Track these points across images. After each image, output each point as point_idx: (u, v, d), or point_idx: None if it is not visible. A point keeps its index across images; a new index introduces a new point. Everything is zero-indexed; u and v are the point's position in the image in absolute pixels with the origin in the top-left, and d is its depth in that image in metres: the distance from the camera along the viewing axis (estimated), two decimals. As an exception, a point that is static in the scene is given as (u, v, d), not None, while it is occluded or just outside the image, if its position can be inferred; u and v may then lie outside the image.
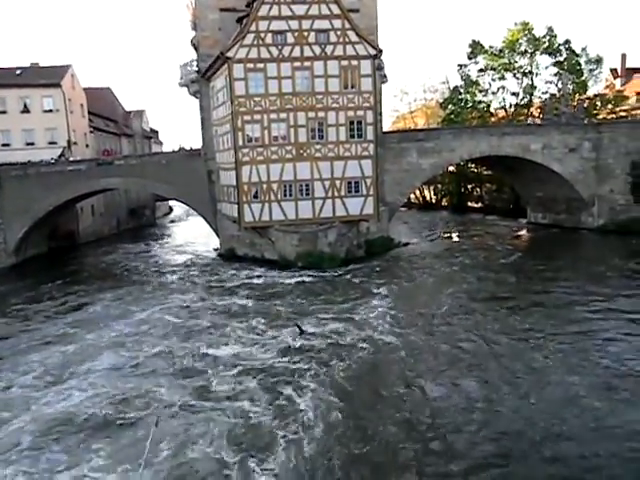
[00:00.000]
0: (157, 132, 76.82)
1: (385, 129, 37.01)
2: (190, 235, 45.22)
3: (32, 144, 41.77)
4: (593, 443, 11.18)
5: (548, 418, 12.15)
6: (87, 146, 47.17)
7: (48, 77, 42.59)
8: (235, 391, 14.32)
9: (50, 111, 42.33)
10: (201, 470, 10.93)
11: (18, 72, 43.46)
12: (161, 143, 76.85)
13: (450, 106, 49.09)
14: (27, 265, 34.18)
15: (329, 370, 15.24)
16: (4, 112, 41.65)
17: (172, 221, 64.21)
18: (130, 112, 62.86)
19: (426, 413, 12.69)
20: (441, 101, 52.07)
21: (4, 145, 41.45)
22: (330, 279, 26.08)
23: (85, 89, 48.23)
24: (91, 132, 48.83)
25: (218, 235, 34.59)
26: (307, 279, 26.13)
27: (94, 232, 45.19)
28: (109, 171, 34.87)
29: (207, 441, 11.81)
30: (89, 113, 48.71)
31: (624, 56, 65.64)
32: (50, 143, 42.09)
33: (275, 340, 17.89)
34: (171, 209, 75.69)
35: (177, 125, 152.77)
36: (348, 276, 26.48)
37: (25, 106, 42.02)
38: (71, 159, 38.91)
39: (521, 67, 47.24)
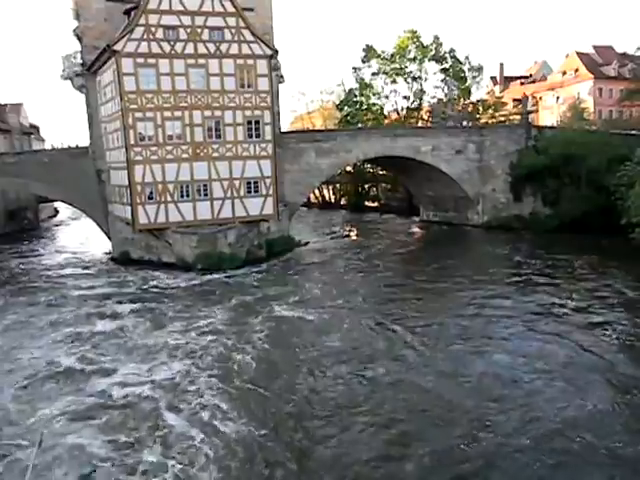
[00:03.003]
0: (38, 128, 71.02)
1: (283, 129, 37.07)
2: (78, 239, 42.33)
3: None
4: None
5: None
6: (-45, 143, 42.53)
7: None
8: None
9: None
10: None
11: None
12: (43, 140, 71.18)
13: (346, 108, 50.38)
14: None
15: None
16: None
17: (57, 224, 59.77)
18: (5, 105, 57.52)
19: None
20: (337, 103, 53.23)
21: None
22: (229, 280, 25.60)
23: (-49, 79, 43.42)
24: (-41, 127, 44.07)
25: (110, 238, 32.70)
26: (205, 281, 25.43)
27: (-35, 238, 40.87)
28: (-19, 170, 31.64)
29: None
30: (-44, 106, 43.94)
31: (502, 65, 71.50)
32: None
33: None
34: (56, 211, 70.46)
35: (61, 121, 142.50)
36: (248, 277, 26.13)
37: None
38: None
39: (411, 72, 49.64)
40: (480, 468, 10.46)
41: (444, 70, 49.48)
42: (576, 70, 58.92)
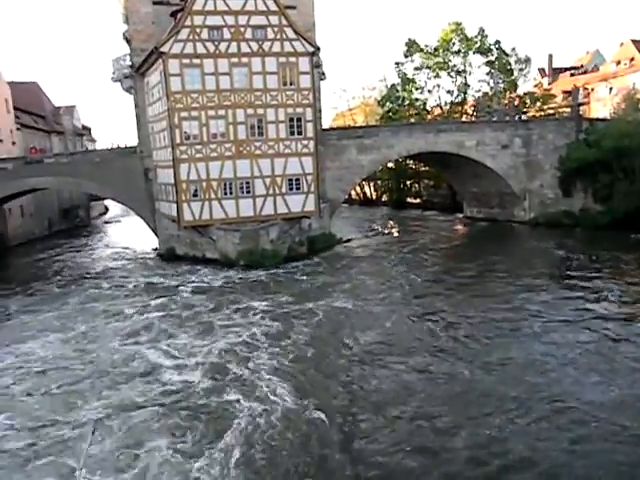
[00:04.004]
0: (90, 129, 73.84)
1: (325, 126, 37.17)
2: (127, 235, 43.82)
3: (-49, 142, 39.11)
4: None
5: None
6: (14, 144, 44.61)
7: (-33, 70, 39.95)
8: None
9: (-29, 107, 39.77)
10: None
11: None
12: (94, 140, 73.94)
13: (388, 103, 49.96)
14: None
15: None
16: None
17: (108, 221, 61.99)
18: (60, 108, 60.00)
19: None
20: (379, 99, 52.90)
21: None
22: (272, 277, 25.89)
23: (9, 83, 45.57)
24: (18, 129, 46.22)
25: (157, 235, 33.67)
26: (249, 278, 25.81)
27: (24, 234, 42.93)
28: (39, 170, 33.12)
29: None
30: (15, 109, 46.08)
31: (551, 56, 69.20)
32: (-29, 141, 39.56)
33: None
34: (107, 209, 73.11)
35: (111, 122, 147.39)
36: (290, 273, 26.42)
37: (-58, 101, 39.26)
38: (-5, 158, 36.72)
39: (455, 66, 48.71)
40: (521, 450, 10.62)
41: (489, 63, 48.33)
42: (631, 59, 56.30)
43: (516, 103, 47.09)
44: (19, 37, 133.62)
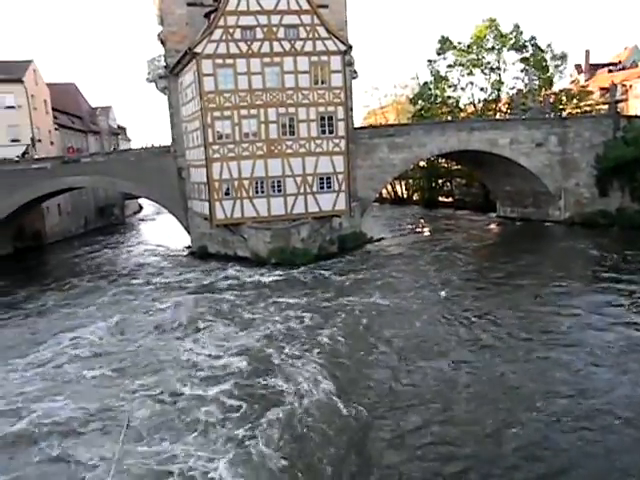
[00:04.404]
0: (125, 129, 75.41)
1: (356, 125, 37.06)
2: (160, 233, 44.59)
3: (-6, 142, 40.43)
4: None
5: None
6: (52, 144, 45.92)
7: (9, 72, 41.20)
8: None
9: (12, 107, 41.02)
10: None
11: (-23, 67, 41.94)
12: (129, 140, 75.46)
13: (420, 102, 49.49)
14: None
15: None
16: (-38, 108, 40.21)
17: (142, 219, 63.20)
18: (96, 108, 61.47)
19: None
20: (411, 97, 52.45)
21: (-36, 143, 40.01)
22: (304, 275, 26.02)
23: (48, 85, 46.90)
24: (56, 129, 47.57)
25: (189, 233, 34.17)
26: (281, 276, 26.01)
27: (61, 231, 44.13)
28: (76, 169, 34.02)
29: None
30: (53, 110, 47.41)
31: (588, 52, 67.39)
32: (13, 141, 40.77)
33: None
34: (141, 207, 74.50)
35: (146, 122, 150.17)
36: (323, 271, 26.47)
37: (-15, 103, 40.62)
38: (35, 157, 37.83)
39: (489, 63, 47.92)
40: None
41: (524, 59, 47.37)
42: (672, 55, 54.48)
43: (552, 100, 46.01)
44: (58, 40, 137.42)
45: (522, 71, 47.66)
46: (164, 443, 11.30)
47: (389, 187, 57.65)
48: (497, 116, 47.25)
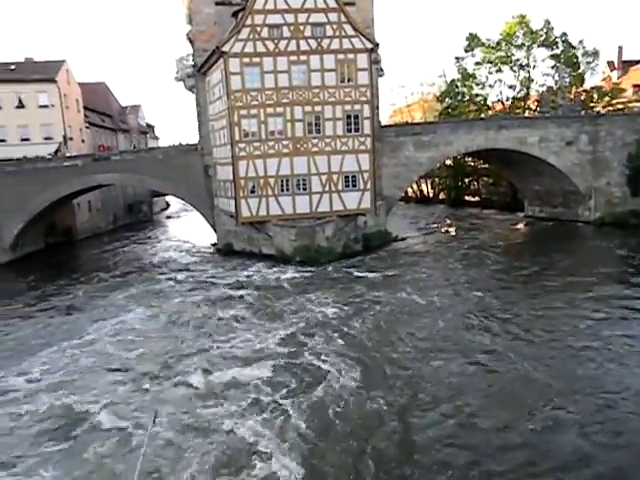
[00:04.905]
0: (153, 127, 76.56)
1: (382, 123, 36.89)
2: (187, 230, 45.22)
3: (27, 140, 41.57)
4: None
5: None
6: (83, 141, 46.96)
7: (43, 72, 42.32)
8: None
9: (45, 106, 42.10)
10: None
11: (12, 67, 43.11)
12: (157, 138, 76.57)
13: (447, 99, 48.97)
14: (24, 262, 34.11)
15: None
16: (-1, 108, 41.40)
17: (169, 216, 64.12)
18: (126, 107, 62.57)
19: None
20: (438, 94, 51.94)
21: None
22: (330, 273, 26.16)
23: (80, 84, 47.96)
24: (87, 127, 48.61)
25: (215, 230, 34.54)
26: (308, 273, 26.18)
27: (91, 228, 45.09)
28: (106, 167, 34.72)
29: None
30: (84, 108, 48.46)
31: (621, 48, 65.46)
32: (46, 139, 41.89)
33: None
34: (168, 204, 75.53)
35: (173, 120, 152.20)
36: (348, 269, 26.53)
37: (20, 101, 41.75)
38: (67, 155, 38.74)
39: (518, 60, 47.14)
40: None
41: (555, 56, 46.43)
42: None
43: (582, 98, 45.03)
44: (90, 40, 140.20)
45: (552, 68, 46.71)
46: (212, 408, 12.80)
47: (415, 186, 57.22)
48: (526, 114, 46.46)
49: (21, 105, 41.74)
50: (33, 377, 15.42)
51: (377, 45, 30.05)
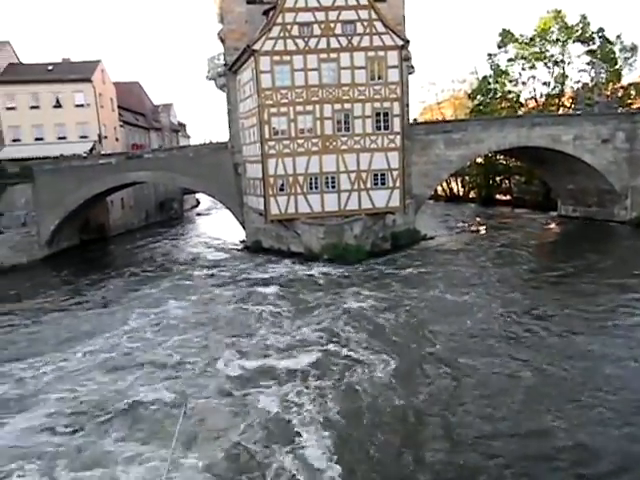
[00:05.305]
0: (185, 125, 77.61)
1: (412, 120, 36.61)
2: (217, 228, 45.74)
3: (64, 138, 42.68)
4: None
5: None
6: (117, 140, 47.96)
7: (79, 72, 43.39)
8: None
9: (81, 106, 43.15)
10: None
11: (50, 68, 44.35)
12: (188, 136, 77.60)
13: (479, 96, 48.34)
14: (60, 257, 35.03)
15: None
16: (37, 107, 42.63)
17: (199, 214, 64.96)
18: (158, 106, 63.61)
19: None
20: (469, 92, 51.28)
21: (37, 139, 42.45)
22: (359, 270, 26.20)
23: (114, 83, 48.96)
24: (121, 126, 49.61)
25: (244, 228, 34.85)
26: (337, 270, 26.28)
27: (124, 224, 46.02)
28: (138, 164, 35.38)
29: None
30: (119, 107, 49.47)
31: (661, 43, 63.24)
32: (81, 137, 42.95)
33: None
34: (198, 202, 76.49)
35: (204, 118, 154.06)
36: (378, 267, 26.52)
37: (57, 101, 42.90)
38: (101, 153, 39.63)
39: (552, 56, 46.20)
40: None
41: (591, 52, 45.30)
42: None
43: (620, 95, 43.81)
44: (124, 40, 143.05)
45: (588, 64, 45.60)
46: (248, 389, 13.86)
47: (444, 184, 56.60)
48: (560, 111, 45.46)
49: (58, 104, 42.88)
50: (87, 357, 16.80)
51: (408, 42, 29.81)
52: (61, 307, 22.86)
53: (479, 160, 47.56)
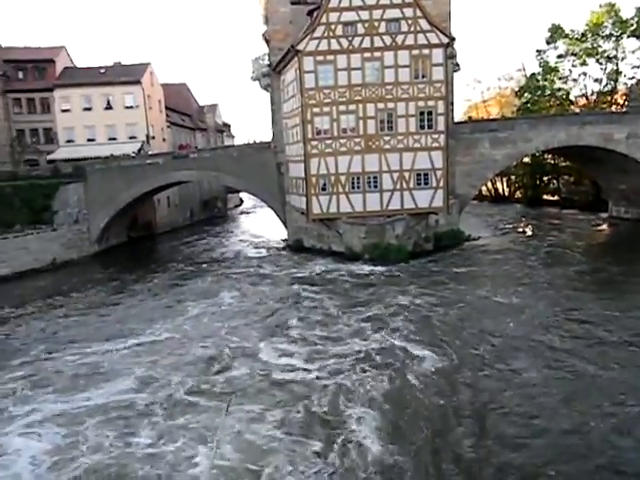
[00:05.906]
0: (229, 126, 78.89)
1: (456, 119, 36.02)
2: (259, 226, 46.31)
3: (114, 139, 44.22)
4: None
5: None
6: (164, 140, 49.26)
7: (129, 75, 44.84)
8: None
9: (131, 107, 44.60)
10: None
11: (102, 71, 46.05)
12: (233, 136, 78.85)
13: (526, 94, 47.04)
14: (109, 253, 36.29)
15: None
16: (89, 109, 44.32)
17: (242, 212, 65.87)
18: (204, 107, 64.95)
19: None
20: (517, 89, 50.02)
21: (89, 140, 44.12)
22: (403, 269, 26.07)
23: (162, 85, 50.33)
24: (168, 127, 50.93)
25: (286, 227, 35.14)
26: (379, 269, 26.27)
27: (169, 222, 47.19)
28: (184, 164, 36.26)
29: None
30: (166, 108, 50.82)
31: None
32: (130, 138, 44.37)
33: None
34: (241, 201, 77.53)
35: (248, 118, 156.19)
36: (419, 267, 26.35)
37: (108, 103, 44.48)
38: (149, 153, 40.79)
39: (605, 52, 44.48)
40: None
41: (646, 47, 43.45)
42: None
43: (679, 90, 41.74)
44: (172, 42, 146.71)
45: (644, 59, 43.70)
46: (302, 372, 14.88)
47: (489, 184, 55.41)
48: (613, 109, 43.77)
49: (109, 106, 44.45)
50: (158, 338, 18.38)
51: (453, 39, 29.37)
52: (117, 300, 23.98)
53: (525, 160, 46.26)
